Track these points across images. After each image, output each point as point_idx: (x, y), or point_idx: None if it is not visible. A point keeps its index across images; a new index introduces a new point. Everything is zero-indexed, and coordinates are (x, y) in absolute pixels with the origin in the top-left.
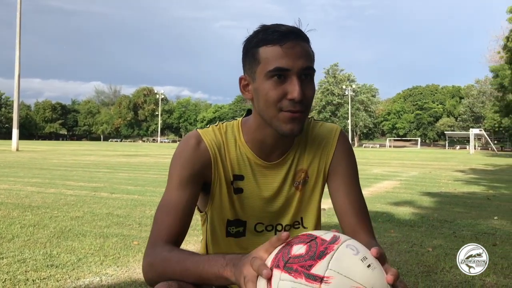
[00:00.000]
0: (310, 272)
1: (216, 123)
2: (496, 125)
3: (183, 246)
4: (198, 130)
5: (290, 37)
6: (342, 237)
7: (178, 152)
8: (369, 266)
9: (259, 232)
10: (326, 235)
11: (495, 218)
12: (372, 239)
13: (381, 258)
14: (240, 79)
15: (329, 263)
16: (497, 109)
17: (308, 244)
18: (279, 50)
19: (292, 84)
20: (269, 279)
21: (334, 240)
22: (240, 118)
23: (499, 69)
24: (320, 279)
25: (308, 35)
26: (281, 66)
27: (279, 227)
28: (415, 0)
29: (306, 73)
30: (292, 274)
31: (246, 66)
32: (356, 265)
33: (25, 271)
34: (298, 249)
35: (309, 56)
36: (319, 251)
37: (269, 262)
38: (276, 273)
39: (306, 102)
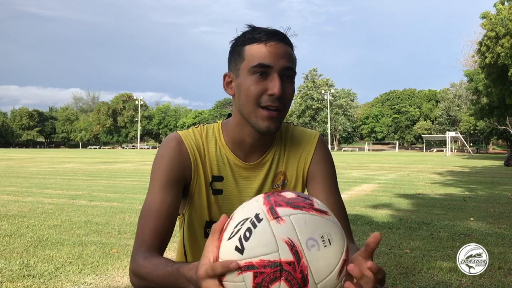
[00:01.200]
0: None
1: (197, 125)
2: (472, 127)
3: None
4: (178, 132)
5: (275, 38)
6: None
7: (160, 154)
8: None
9: None
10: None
11: (471, 219)
12: (351, 242)
13: (379, 274)
14: (224, 75)
15: None
16: (472, 113)
17: None
18: (264, 48)
19: (273, 80)
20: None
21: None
22: (221, 120)
23: (473, 73)
24: None
25: (292, 43)
26: (264, 63)
27: None
28: (391, 6)
29: (287, 74)
30: None
31: (231, 64)
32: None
33: (1, 282)
34: None
35: (291, 58)
36: None
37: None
38: None
39: (284, 101)
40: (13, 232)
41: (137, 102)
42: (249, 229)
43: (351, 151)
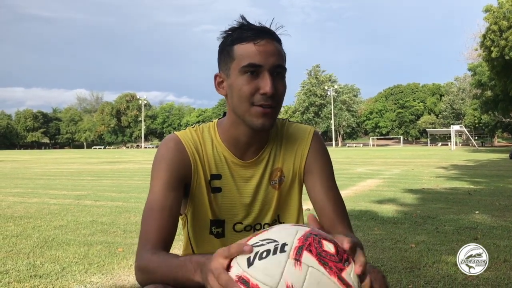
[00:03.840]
0: None
1: (193, 126)
2: (476, 121)
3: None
4: (175, 132)
5: (264, 36)
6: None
7: (159, 156)
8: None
9: (238, 232)
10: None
11: (476, 212)
12: (349, 231)
13: (353, 248)
14: (215, 76)
15: None
16: (476, 107)
17: None
18: (253, 47)
19: (264, 79)
20: None
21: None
22: (216, 119)
23: (476, 66)
24: None
25: (283, 37)
26: (254, 62)
27: (257, 227)
28: (393, 1)
29: (278, 71)
30: None
31: (221, 64)
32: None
33: (8, 283)
34: None
35: (281, 55)
36: None
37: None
38: None
39: (277, 98)
40: (20, 233)
41: (140, 101)
42: (268, 251)
43: (355, 146)
